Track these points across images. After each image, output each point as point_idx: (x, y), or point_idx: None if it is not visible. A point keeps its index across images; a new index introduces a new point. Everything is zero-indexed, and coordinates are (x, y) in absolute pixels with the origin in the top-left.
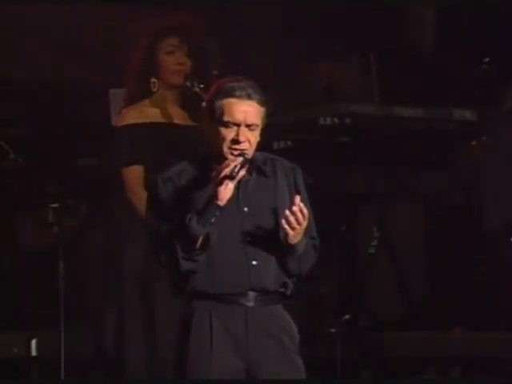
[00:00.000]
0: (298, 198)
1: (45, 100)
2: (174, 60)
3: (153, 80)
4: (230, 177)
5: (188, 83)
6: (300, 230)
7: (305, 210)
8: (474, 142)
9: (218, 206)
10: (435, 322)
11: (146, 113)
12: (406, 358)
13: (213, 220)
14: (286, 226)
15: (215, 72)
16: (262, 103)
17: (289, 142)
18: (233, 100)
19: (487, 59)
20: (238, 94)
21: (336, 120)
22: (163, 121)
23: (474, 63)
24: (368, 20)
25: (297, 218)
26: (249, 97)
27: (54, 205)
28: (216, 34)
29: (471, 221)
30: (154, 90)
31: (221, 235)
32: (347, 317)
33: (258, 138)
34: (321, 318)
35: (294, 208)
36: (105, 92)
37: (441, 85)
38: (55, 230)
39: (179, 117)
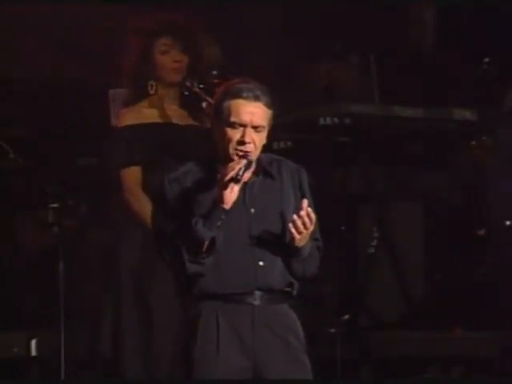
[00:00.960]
0: (305, 202)
1: (45, 100)
2: (169, 58)
3: (151, 83)
4: (235, 180)
5: (188, 83)
6: (306, 234)
7: (312, 215)
8: (473, 142)
9: (224, 209)
10: (435, 322)
11: (145, 114)
12: (406, 358)
13: (219, 223)
14: (293, 230)
15: (215, 72)
16: (269, 105)
17: (289, 142)
18: (240, 101)
19: (487, 59)
20: (245, 95)
21: (336, 120)
22: (162, 121)
23: (474, 63)
24: (368, 20)
25: (304, 223)
26: (256, 98)
27: (54, 205)
28: (216, 34)
29: (471, 221)
30: (152, 91)
31: (228, 236)
32: (347, 317)
33: (264, 140)
34: (321, 317)
35: (302, 212)
36: (105, 92)
37: (441, 85)
38: (55, 229)
39: (178, 116)
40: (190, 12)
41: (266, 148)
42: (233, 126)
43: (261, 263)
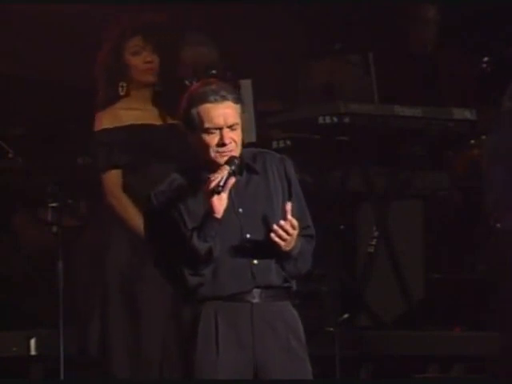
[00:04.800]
0: (289, 206)
1: (45, 100)
2: (141, 59)
3: (121, 84)
4: (222, 186)
5: (188, 82)
6: (292, 239)
7: (294, 222)
8: (473, 142)
9: (216, 218)
10: (435, 321)
11: (120, 116)
12: (406, 357)
13: (213, 233)
14: (276, 239)
15: (214, 71)
16: (236, 101)
17: (288, 141)
18: (208, 105)
19: (487, 59)
20: (212, 98)
21: (335, 119)
22: (138, 122)
23: (474, 63)
24: (368, 19)
25: (286, 230)
26: (223, 98)
27: (54, 204)
28: (216, 34)
29: (471, 221)
30: (123, 93)
31: (220, 239)
32: (347, 316)
33: (241, 135)
34: (320, 316)
35: (281, 222)
36: None
37: (441, 84)
38: (55, 229)
39: (153, 116)
40: (170, 12)
41: (266, 147)
42: (208, 131)
43: (255, 262)
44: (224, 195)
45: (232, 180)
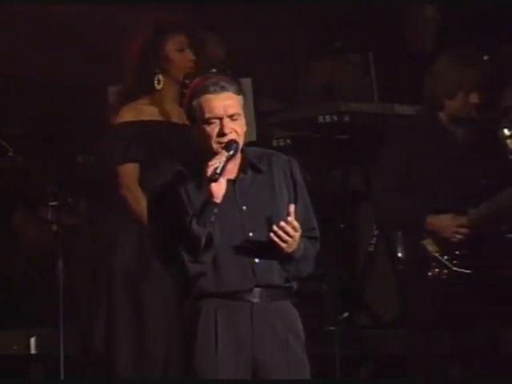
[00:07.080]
0: (292, 207)
1: (45, 99)
2: (186, 57)
3: (158, 77)
4: (218, 174)
5: (188, 81)
6: (293, 241)
7: (295, 223)
8: None
9: (215, 203)
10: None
11: (144, 111)
12: (406, 357)
13: (212, 219)
14: (276, 239)
15: (214, 70)
16: (237, 92)
17: (288, 140)
18: (209, 96)
19: (486, 58)
20: (212, 89)
21: (335, 118)
22: (161, 119)
23: None
24: (368, 19)
25: (287, 232)
26: (223, 89)
27: (54, 203)
28: (217, 32)
29: None
30: (159, 86)
31: (223, 235)
32: (346, 315)
33: (244, 127)
34: (320, 315)
35: (282, 223)
36: (104, 90)
37: None
38: (55, 228)
39: (178, 115)
40: (196, 13)
41: (266, 146)
42: (209, 121)
43: (257, 260)
44: (223, 180)
45: (230, 165)
